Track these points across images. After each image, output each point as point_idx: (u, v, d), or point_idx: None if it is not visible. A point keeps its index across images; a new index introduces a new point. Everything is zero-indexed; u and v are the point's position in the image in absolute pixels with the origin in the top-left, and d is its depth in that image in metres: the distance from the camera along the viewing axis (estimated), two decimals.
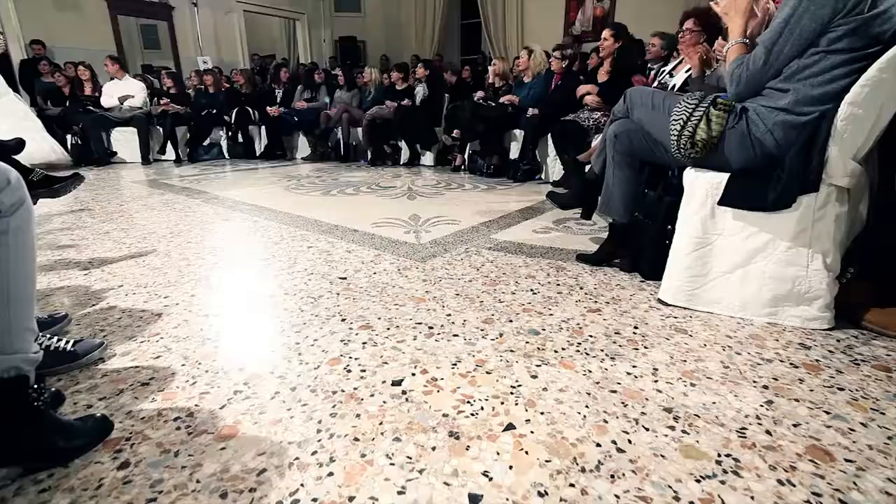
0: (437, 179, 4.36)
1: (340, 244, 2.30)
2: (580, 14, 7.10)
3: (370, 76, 5.92)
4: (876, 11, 1.17)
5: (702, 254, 1.47)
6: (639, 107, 1.66)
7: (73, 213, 2.98)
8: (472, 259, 2.08)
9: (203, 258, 2.09)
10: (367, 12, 9.88)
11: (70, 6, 6.78)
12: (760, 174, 1.33)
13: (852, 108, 1.19)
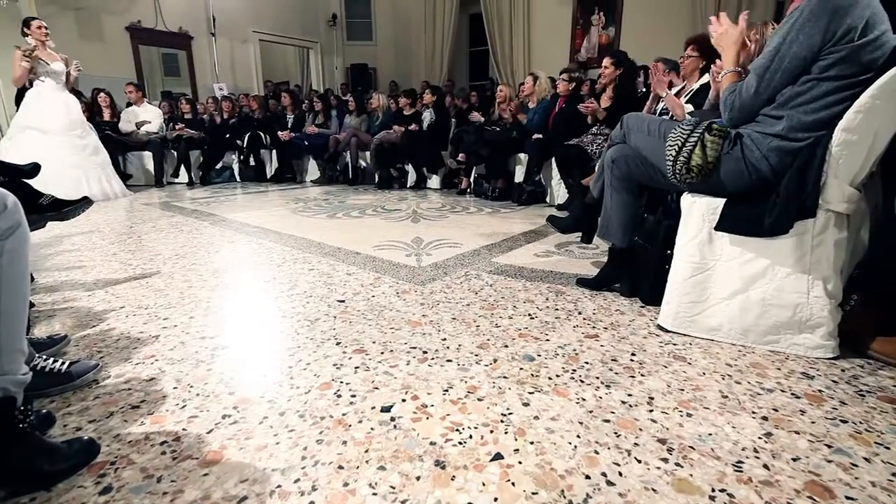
0: (443, 202, 4.39)
1: (341, 267, 2.32)
2: (586, 41, 7.23)
3: (378, 102, 6.06)
4: (866, 39, 1.17)
5: (700, 279, 1.45)
6: (635, 132, 1.67)
7: (84, 234, 3.05)
8: (472, 283, 2.07)
9: (205, 280, 2.11)
10: (379, 40, 10.16)
11: (95, 37, 7.08)
12: (757, 199, 1.32)
13: (846, 134, 1.19)
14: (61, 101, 4.26)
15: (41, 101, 4.15)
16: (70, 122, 4.29)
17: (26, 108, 4.15)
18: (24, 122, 4.12)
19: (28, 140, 4.03)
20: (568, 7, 7.19)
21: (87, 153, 4.42)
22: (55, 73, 4.22)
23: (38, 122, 4.11)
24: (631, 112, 1.77)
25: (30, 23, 4.10)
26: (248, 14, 8.63)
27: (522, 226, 3.31)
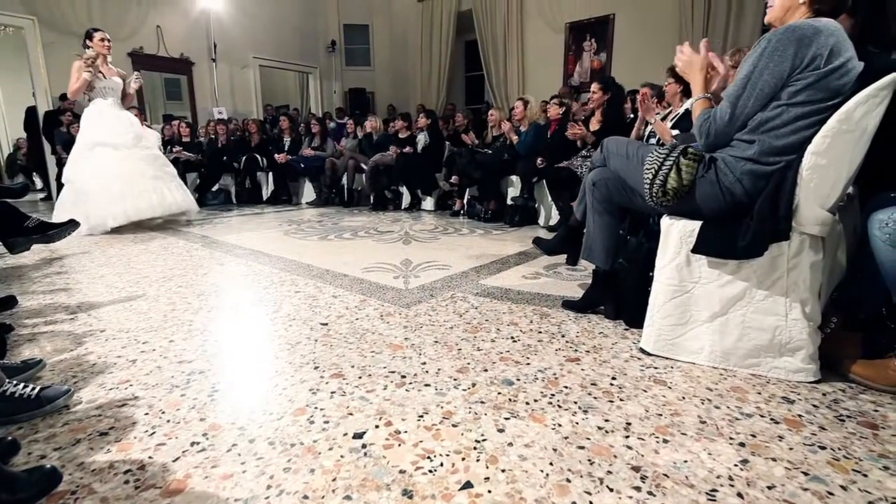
0: (436, 224, 4.41)
1: (328, 289, 2.31)
2: (578, 66, 7.38)
3: (374, 124, 6.15)
4: (832, 66, 1.20)
5: (680, 302, 1.45)
6: (614, 156, 1.69)
7: (74, 256, 3.05)
8: (457, 305, 2.06)
9: (189, 303, 2.10)
10: (376, 65, 10.37)
11: None
12: (732, 222, 1.33)
13: (815, 157, 1.20)
14: (123, 116, 4.13)
15: (104, 118, 3.99)
16: (136, 135, 4.15)
17: (90, 126, 3.98)
18: (93, 139, 3.95)
19: (102, 157, 3.90)
20: (560, 34, 7.37)
21: (160, 163, 4.30)
22: (111, 89, 4.05)
23: (107, 138, 3.96)
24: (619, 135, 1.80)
25: (93, 35, 3.94)
26: (249, 40, 8.82)
27: (513, 247, 3.31)
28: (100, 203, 3.80)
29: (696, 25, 5.81)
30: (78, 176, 3.92)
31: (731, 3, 5.60)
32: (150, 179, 4.10)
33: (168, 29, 7.77)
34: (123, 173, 3.95)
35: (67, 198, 3.93)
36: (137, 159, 4.07)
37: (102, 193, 3.83)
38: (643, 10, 6.39)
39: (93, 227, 3.75)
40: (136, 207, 3.95)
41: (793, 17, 1.30)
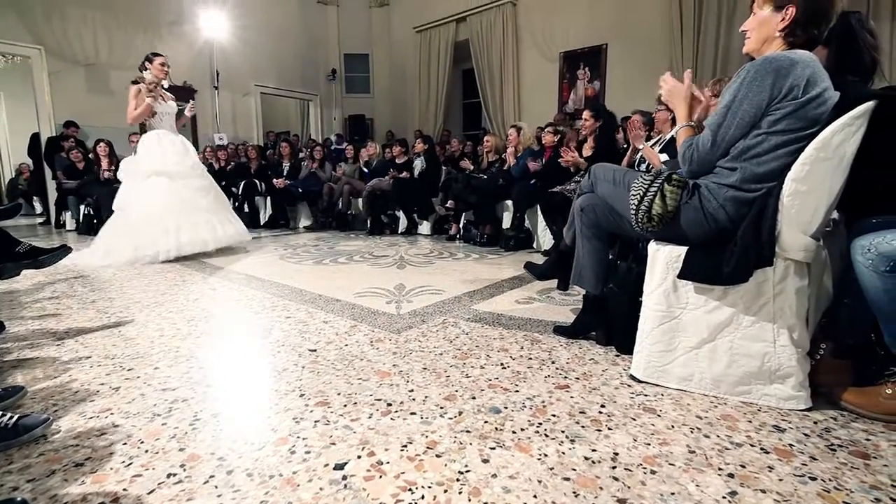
0: (431, 248, 4.42)
1: (319, 314, 2.30)
2: (573, 94, 7.53)
3: (372, 150, 6.24)
4: (809, 96, 1.23)
5: (668, 328, 1.44)
6: (601, 182, 1.71)
7: (67, 280, 3.05)
8: (448, 331, 2.05)
9: (178, 329, 2.09)
10: (376, 93, 10.59)
11: (102, 91, 7.38)
12: (716, 248, 1.33)
13: (796, 184, 1.22)
14: (179, 142, 4.04)
15: (162, 145, 3.92)
16: (193, 164, 4.08)
17: (149, 153, 3.88)
18: (150, 167, 3.84)
19: (158, 187, 3.80)
20: (554, 63, 7.55)
21: (213, 195, 4.17)
22: (168, 115, 4.02)
23: (165, 166, 3.86)
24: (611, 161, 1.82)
25: (153, 59, 3.91)
26: (251, 69, 9.03)
27: (507, 272, 3.31)
28: (152, 235, 3.66)
29: (685, 54, 5.96)
30: (131, 204, 3.80)
31: (719, 33, 5.76)
32: (203, 212, 3.97)
33: (172, 58, 7.86)
34: (178, 205, 3.83)
35: (117, 226, 3.80)
36: (193, 190, 3.97)
37: (155, 225, 3.71)
38: (634, 41, 6.56)
39: (139, 259, 3.59)
40: (189, 241, 3.79)
41: (769, 48, 1.33)
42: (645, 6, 6.37)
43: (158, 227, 3.71)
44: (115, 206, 3.94)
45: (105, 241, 3.74)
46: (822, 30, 1.29)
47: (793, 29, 1.28)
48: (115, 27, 7.30)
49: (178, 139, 4.06)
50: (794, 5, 1.27)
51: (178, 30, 7.98)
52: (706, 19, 5.79)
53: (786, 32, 1.30)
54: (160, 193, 3.80)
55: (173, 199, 3.83)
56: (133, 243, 3.60)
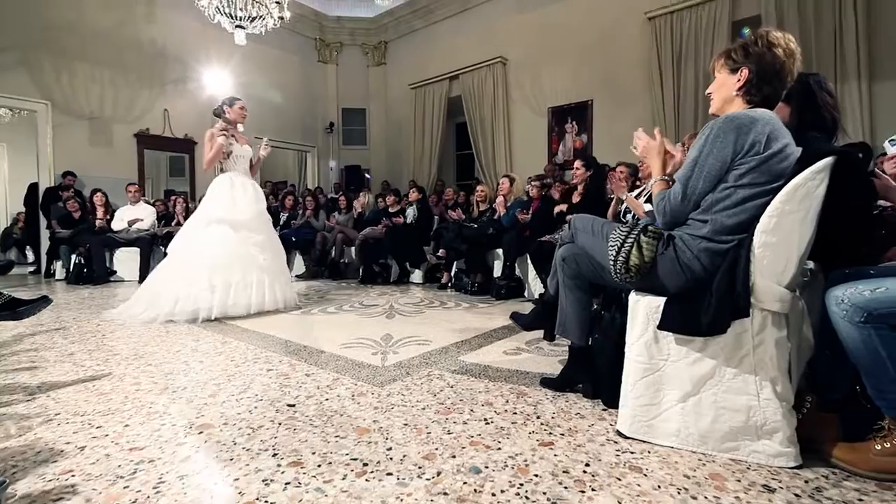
0: (422, 297, 4.40)
1: (302, 367, 2.25)
2: (561, 145, 7.80)
3: (365, 199, 6.35)
4: (771, 151, 1.28)
5: (652, 380, 1.42)
6: (581, 232, 1.73)
7: (47, 332, 2.99)
8: (432, 384, 2.00)
9: (155, 382, 2.03)
10: (372, 145, 10.93)
11: (104, 143, 7.59)
12: (694, 298, 1.33)
13: (765, 236, 1.24)
14: (250, 186, 3.82)
15: (234, 189, 3.68)
16: (259, 212, 3.81)
17: (215, 198, 3.63)
18: (213, 214, 3.57)
19: (216, 236, 3.51)
20: (543, 117, 7.86)
21: (271, 251, 3.82)
22: (243, 157, 3.83)
23: (229, 214, 3.58)
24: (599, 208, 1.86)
25: (234, 102, 3.82)
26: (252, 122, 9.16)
27: (497, 321, 3.28)
28: (196, 290, 3.33)
29: (667, 109, 6.23)
30: (184, 251, 3.52)
31: (697, 87, 6.04)
32: (258, 270, 3.61)
33: (175, 111, 8.24)
34: (234, 260, 3.51)
35: (165, 273, 3.50)
36: (252, 244, 3.65)
37: (202, 279, 3.37)
38: (618, 96, 6.88)
39: (178, 314, 3.25)
40: (236, 303, 3.42)
41: (731, 107, 1.41)
42: (626, 65, 6.74)
43: (204, 283, 3.37)
44: (168, 248, 3.71)
45: (150, 290, 3.43)
46: (775, 89, 1.36)
47: (748, 89, 1.36)
48: (122, 84, 7.60)
49: (250, 183, 3.85)
50: (747, 68, 1.35)
51: (182, 87, 8.32)
52: (684, 76, 6.10)
53: (743, 92, 1.37)
54: (217, 244, 3.49)
55: (230, 252, 3.50)
56: (174, 296, 3.29)
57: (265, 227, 3.87)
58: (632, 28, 6.61)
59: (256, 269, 3.60)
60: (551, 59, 7.60)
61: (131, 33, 7.64)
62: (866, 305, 1.13)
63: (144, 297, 3.41)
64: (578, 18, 7.24)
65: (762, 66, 1.34)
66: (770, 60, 1.33)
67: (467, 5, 8.76)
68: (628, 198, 2.96)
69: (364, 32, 10.50)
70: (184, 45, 8.23)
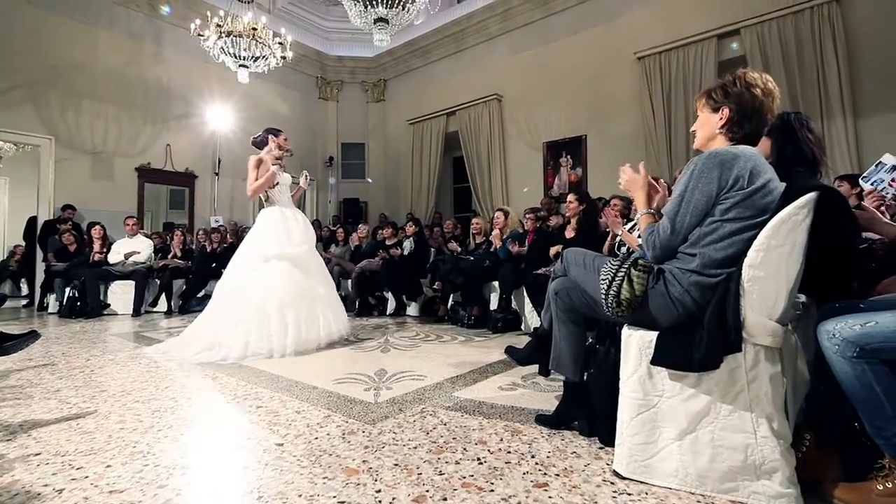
0: (418, 331, 4.36)
1: (293, 403, 2.20)
2: (557, 179, 7.92)
3: (363, 232, 6.39)
4: (755, 186, 1.30)
5: (647, 417, 1.39)
6: (573, 266, 1.74)
7: (35, 368, 2.93)
8: (426, 421, 1.96)
9: (141, 421, 1.98)
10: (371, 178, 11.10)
11: (105, 177, 7.68)
12: (686, 333, 1.32)
13: (753, 270, 1.25)
14: (299, 217, 3.73)
15: (287, 222, 3.60)
16: (312, 243, 3.74)
17: (272, 231, 3.52)
18: (271, 249, 3.45)
19: (278, 273, 3.39)
20: (539, 151, 8.02)
21: (326, 281, 3.75)
22: (285, 187, 3.76)
23: (287, 248, 3.50)
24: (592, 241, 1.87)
25: (277, 134, 3.75)
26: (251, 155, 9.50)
27: (493, 355, 3.24)
28: (269, 329, 3.20)
29: (659, 142, 6.36)
30: (246, 290, 3.31)
31: (688, 122, 6.20)
32: (318, 304, 3.52)
33: (176, 146, 8.39)
34: (299, 295, 3.41)
35: (223, 315, 3.27)
36: (311, 276, 3.59)
37: (273, 318, 3.24)
38: (610, 132, 7.05)
39: (252, 355, 3.10)
40: (307, 339, 3.32)
41: (714, 144, 1.44)
42: (618, 102, 6.93)
43: (275, 322, 3.24)
44: (221, 291, 3.46)
45: (205, 333, 3.22)
46: (756, 126, 1.40)
47: (730, 127, 1.40)
48: (126, 120, 7.76)
49: (300, 214, 3.76)
50: (728, 107, 1.39)
51: (185, 122, 8.50)
52: (675, 112, 6.27)
53: (725, 130, 1.41)
54: (281, 281, 3.36)
55: (294, 288, 3.39)
56: (245, 339, 3.12)
57: (318, 257, 3.81)
58: (622, 67, 6.85)
59: (317, 303, 3.53)
60: (545, 96, 7.83)
61: (138, 72, 7.87)
62: (858, 340, 1.12)
63: (203, 342, 3.16)
64: (570, 58, 7.50)
65: (742, 105, 1.38)
66: (749, 100, 1.37)
67: (462, 46, 9.09)
68: (623, 232, 2.98)
69: (364, 71, 10.84)
70: (188, 83, 8.46)
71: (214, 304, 3.43)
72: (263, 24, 6.37)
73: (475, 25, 8.70)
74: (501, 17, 8.34)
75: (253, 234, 3.60)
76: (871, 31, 4.98)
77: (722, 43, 5.99)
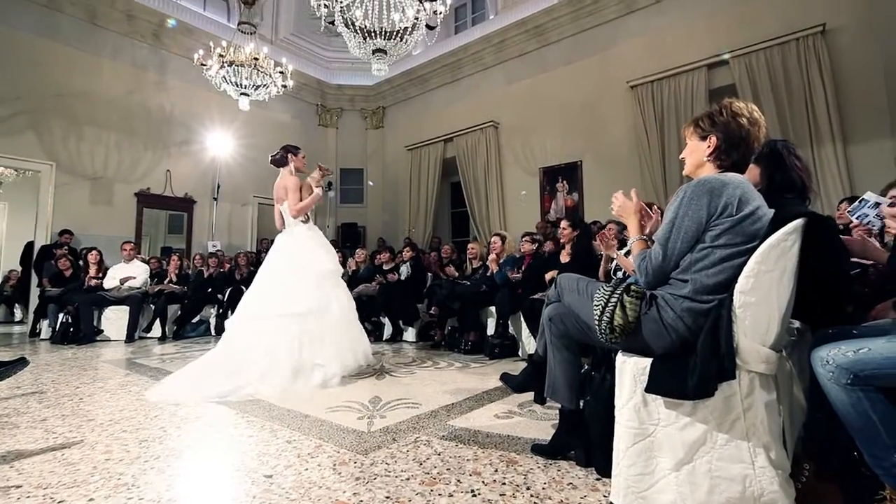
0: (414, 356, 4.31)
1: (284, 433, 2.15)
2: (553, 204, 7.99)
3: (360, 257, 6.39)
4: (744, 213, 1.32)
5: (643, 447, 1.36)
6: (567, 292, 1.73)
7: (23, 396, 2.87)
8: (419, 451, 1.91)
9: (128, 451, 1.93)
10: (369, 203, 11.17)
11: (104, 202, 7.72)
12: (679, 360, 1.31)
13: (744, 296, 1.24)
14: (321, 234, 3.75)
15: (320, 237, 3.63)
16: None
17: (322, 250, 3.51)
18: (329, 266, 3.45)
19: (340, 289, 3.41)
20: (535, 177, 8.11)
21: None
22: None
23: (332, 263, 3.51)
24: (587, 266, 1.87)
25: (297, 151, 3.73)
26: (251, 181, 9.54)
27: (490, 381, 3.19)
28: (349, 344, 3.23)
29: (654, 168, 6.45)
30: (326, 308, 3.26)
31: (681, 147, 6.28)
32: (355, 319, 3.53)
33: (176, 172, 8.45)
34: (350, 315, 3.43)
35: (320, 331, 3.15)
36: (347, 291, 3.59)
37: (348, 333, 3.28)
38: (606, 158, 7.15)
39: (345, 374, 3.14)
40: (355, 359, 3.29)
41: (703, 171, 1.46)
42: (612, 128, 7.06)
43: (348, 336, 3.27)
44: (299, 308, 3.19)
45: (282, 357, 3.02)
46: (743, 154, 1.43)
47: (718, 154, 1.43)
48: (127, 146, 7.84)
49: None
50: (715, 136, 1.42)
51: (185, 149, 8.60)
52: (668, 138, 6.37)
53: (713, 157, 1.44)
54: (346, 296, 3.39)
55: (345, 308, 3.39)
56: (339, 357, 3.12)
57: None
58: (615, 95, 7.00)
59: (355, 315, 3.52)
60: (540, 123, 7.97)
61: (140, 100, 8.00)
62: (851, 366, 1.11)
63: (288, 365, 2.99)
64: (564, 87, 7.67)
65: (728, 134, 1.41)
66: (735, 129, 1.40)
67: (459, 75, 9.31)
68: (619, 256, 2.99)
69: (363, 98, 11.06)
70: (189, 110, 8.60)
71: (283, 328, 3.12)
72: (265, 54, 6.52)
73: (471, 56, 8.93)
74: (497, 47, 8.57)
75: (305, 252, 3.46)
76: (855, 61, 5.13)
77: (712, 72, 6.15)
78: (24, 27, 6.74)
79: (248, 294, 3.46)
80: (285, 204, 3.61)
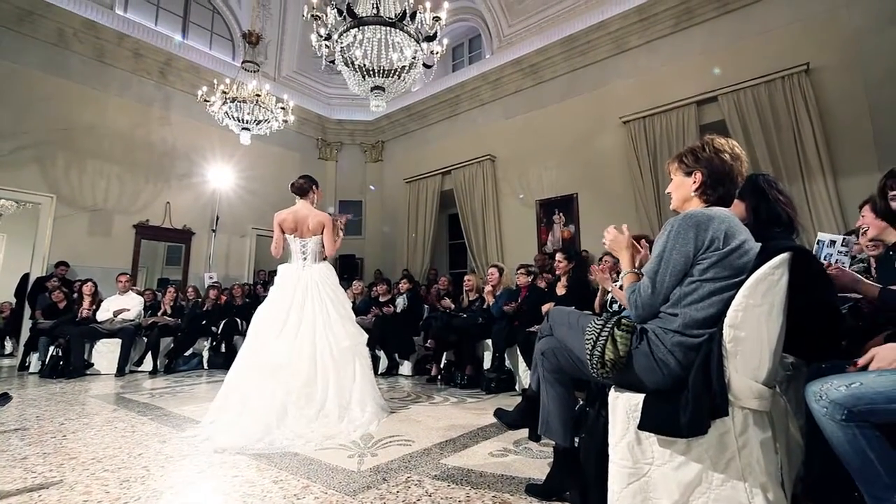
0: (409, 391, 4.23)
1: (270, 472, 2.08)
2: (550, 236, 8.03)
3: (357, 289, 6.36)
4: (730, 247, 1.32)
5: (638, 488, 1.32)
6: (558, 326, 1.72)
7: (4, 433, 2.79)
8: (410, 492, 1.85)
9: (108, 492, 1.86)
10: (366, 235, 11.23)
11: (102, 233, 7.74)
12: (670, 396, 1.29)
13: (734, 330, 1.23)
14: None
15: None
16: None
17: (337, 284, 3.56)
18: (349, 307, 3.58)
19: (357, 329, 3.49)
20: (532, 209, 8.19)
21: None
22: None
23: None
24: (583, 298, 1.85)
25: (318, 186, 3.77)
26: (250, 213, 9.62)
27: (486, 418, 3.12)
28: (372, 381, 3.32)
29: (647, 201, 6.52)
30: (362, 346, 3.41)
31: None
32: None
33: (176, 204, 8.53)
34: None
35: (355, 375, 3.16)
36: None
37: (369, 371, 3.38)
38: (601, 190, 7.24)
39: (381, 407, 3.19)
40: None
41: (689, 206, 1.48)
42: (606, 162, 7.19)
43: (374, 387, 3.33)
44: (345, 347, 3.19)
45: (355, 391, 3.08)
46: (728, 189, 1.45)
47: (704, 189, 1.45)
48: (128, 179, 7.94)
49: None
50: (700, 172, 1.45)
51: (186, 181, 8.71)
52: (661, 172, 6.47)
53: (699, 192, 1.46)
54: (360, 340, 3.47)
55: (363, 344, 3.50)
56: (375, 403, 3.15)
57: None
58: (609, 130, 7.17)
59: None
60: (536, 157, 8.12)
61: (144, 134, 8.16)
62: (845, 402, 1.09)
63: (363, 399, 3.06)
64: (559, 122, 7.87)
65: (713, 170, 1.43)
66: (719, 164, 1.43)
67: (457, 111, 9.55)
68: (613, 288, 2.98)
69: (363, 133, 11.30)
70: (191, 143, 8.75)
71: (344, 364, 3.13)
72: (267, 91, 6.71)
73: (469, 92, 9.19)
74: (493, 84, 8.82)
75: (336, 290, 3.48)
76: (840, 98, 5.28)
77: (702, 108, 6.31)
78: (34, 64, 6.94)
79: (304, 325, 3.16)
80: (315, 238, 3.57)
